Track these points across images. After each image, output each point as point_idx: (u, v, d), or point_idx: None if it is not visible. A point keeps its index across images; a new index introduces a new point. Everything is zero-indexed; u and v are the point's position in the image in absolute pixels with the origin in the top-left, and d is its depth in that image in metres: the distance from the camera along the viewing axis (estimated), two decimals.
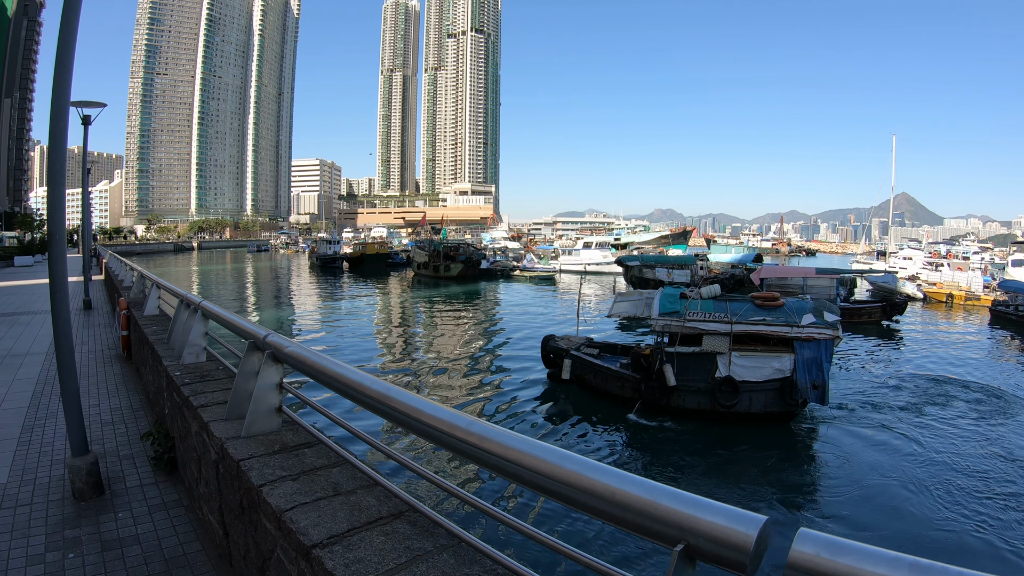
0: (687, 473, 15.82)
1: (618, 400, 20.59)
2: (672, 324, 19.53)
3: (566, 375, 22.56)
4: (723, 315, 19.22)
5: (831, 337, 18.20)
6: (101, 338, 18.97)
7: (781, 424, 18.95)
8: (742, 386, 18.74)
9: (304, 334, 35.55)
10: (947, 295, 55.46)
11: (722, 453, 17.12)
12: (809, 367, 18.17)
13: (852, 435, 18.49)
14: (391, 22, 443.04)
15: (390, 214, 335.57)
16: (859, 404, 21.59)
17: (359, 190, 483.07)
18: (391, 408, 3.60)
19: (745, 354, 18.91)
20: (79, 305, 26.13)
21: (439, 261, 74.44)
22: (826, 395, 18.25)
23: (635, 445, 17.79)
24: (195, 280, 78.94)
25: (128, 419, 10.57)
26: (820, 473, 16.08)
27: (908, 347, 34.51)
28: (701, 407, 19.18)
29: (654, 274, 54.24)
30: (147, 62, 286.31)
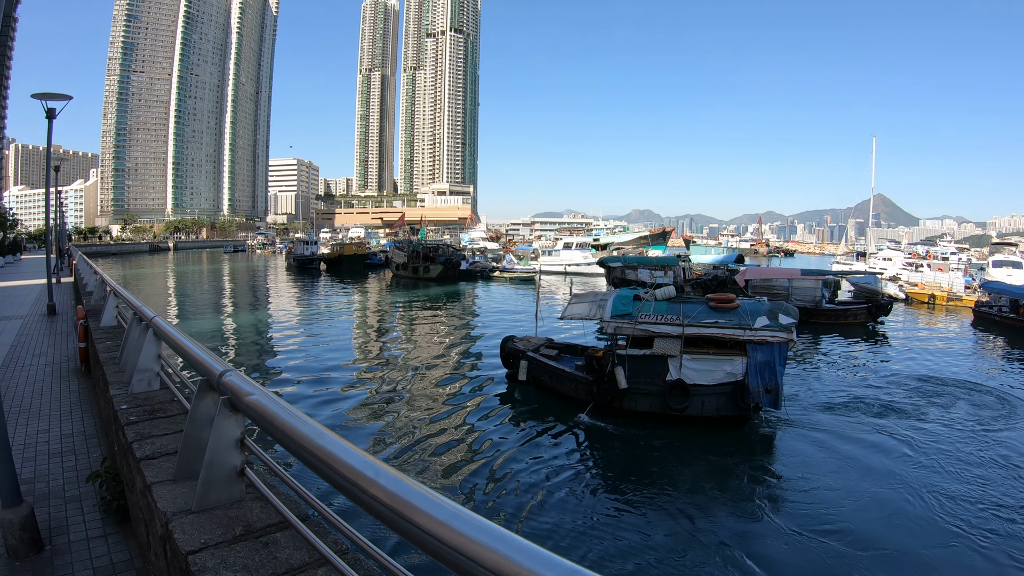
0: (631, 479, 15.48)
1: (572, 401, 20.45)
2: (624, 326, 19.44)
3: (522, 376, 22.50)
4: (675, 317, 18.96)
5: (785, 340, 17.95)
6: (62, 348, 17.46)
7: (734, 428, 18.67)
8: (693, 389, 18.58)
9: (279, 342, 34.61)
10: (929, 296, 55.51)
11: (669, 457, 16.92)
12: (762, 371, 18.04)
13: (808, 440, 18.18)
14: (370, 21, 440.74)
15: (368, 214, 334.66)
16: (825, 408, 21.30)
17: (337, 190, 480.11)
18: (394, 513, 2.41)
19: (696, 357, 18.75)
20: (42, 310, 24.83)
21: (418, 262, 73.65)
22: (779, 399, 18.13)
23: (584, 448, 17.47)
24: (171, 282, 77.63)
25: (80, 449, 9.36)
26: (768, 479, 15.74)
27: (892, 349, 34.44)
28: (653, 410, 19.02)
29: (637, 275, 53.53)
30: (123, 59, 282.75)
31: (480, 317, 44.63)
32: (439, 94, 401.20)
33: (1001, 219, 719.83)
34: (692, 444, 17.75)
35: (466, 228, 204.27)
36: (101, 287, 19.35)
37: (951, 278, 60.05)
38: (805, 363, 29.95)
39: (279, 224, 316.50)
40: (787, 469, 16.20)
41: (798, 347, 33.74)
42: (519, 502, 13.74)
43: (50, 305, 24.52)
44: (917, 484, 14.97)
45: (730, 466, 16.30)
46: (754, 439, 18.34)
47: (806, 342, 35.51)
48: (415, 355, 30.37)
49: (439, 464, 15.99)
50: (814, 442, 17.85)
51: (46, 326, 21.38)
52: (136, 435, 5.95)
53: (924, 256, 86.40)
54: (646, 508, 13.76)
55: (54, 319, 23.14)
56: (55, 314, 24.12)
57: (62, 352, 16.88)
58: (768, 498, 14.44)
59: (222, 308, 50.37)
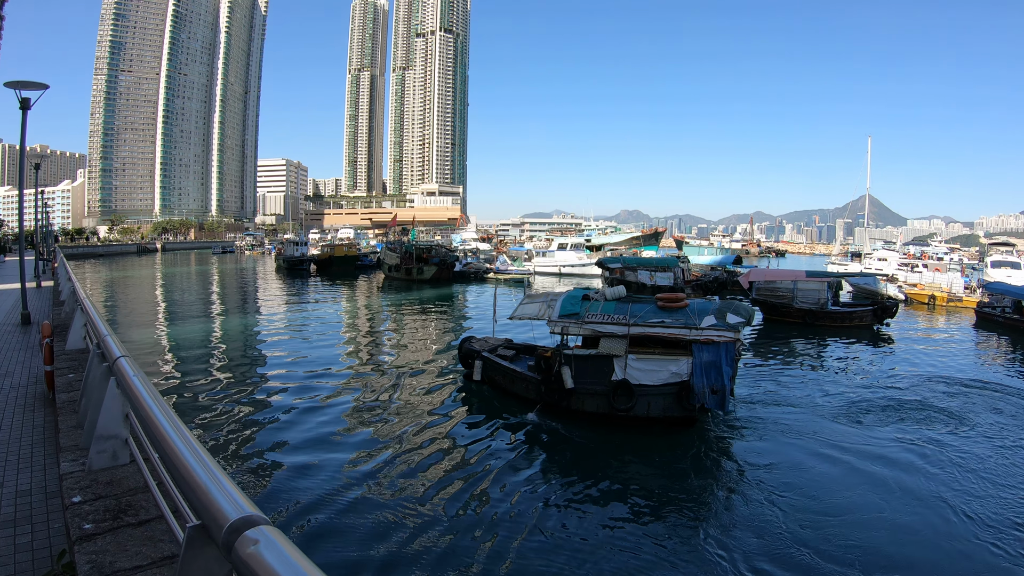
0: (570, 480, 15.33)
1: (524, 401, 20.57)
2: (570, 326, 19.55)
3: (477, 376, 22.67)
4: (622, 317, 18.90)
5: (732, 340, 17.72)
6: (31, 366, 14.86)
7: (682, 431, 18.43)
8: (637, 390, 18.37)
9: (270, 347, 33.73)
10: (929, 297, 55.38)
11: (612, 460, 16.68)
12: (707, 371, 17.75)
13: (758, 443, 17.87)
14: (359, 21, 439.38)
15: (357, 215, 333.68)
16: (792, 410, 21.07)
17: (326, 191, 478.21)
18: None
19: (642, 357, 18.56)
20: (16, 319, 22.48)
21: (411, 263, 72.68)
22: (726, 401, 17.75)
23: (530, 448, 17.47)
24: (158, 284, 76.50)
25: (38, 517, 6.69)
26: (706, 483, 15.45)
27: (905, 352, 33.70)
28: (599, 410, 18.89)
29: (636, 277, 52.58)
30: (111, 59, 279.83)
31: (473, 319, 43.74)
32: (428, 94, 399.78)
33: (988, 219, 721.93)
34: (635, 445, 17.55)
35: (457, 229, 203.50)
36: (72, 298, 17.26)
37: (950, 279, 60.03)
38: (809, 367, 29.35)
39: (267, 225, 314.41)
40: (732, 477, 15.90)
41: (806, 350, 33.51)
42: (456, 503, 13.67)
43: (24, 314, 22.16)
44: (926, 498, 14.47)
45: (676, 470, 16.06)
46: (704, 442, 18.00)
47: (812, 345, 34.97)
48: (402, 359, 29.91)
49: (376, 466, 15.70)
50: (775, 449, 17.41)
51: (18, 338, 19.15)
52: (92, 566, 4.04)
53: (919, 256, 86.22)
54: (579, 509, 13.64)
55: (28, 329, 20.86)
56: (30, 324, 21.84)
57: (31, 372, 14.47)
58: (706, 503, 14.30)
59: (211, 311, 49.26)
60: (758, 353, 32.07)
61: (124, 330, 37.13)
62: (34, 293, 31.21)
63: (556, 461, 16.66)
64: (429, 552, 11.54)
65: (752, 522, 13.04)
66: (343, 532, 12.20)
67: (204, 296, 61.96)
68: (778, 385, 24.81)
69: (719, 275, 56.94)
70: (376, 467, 15.58)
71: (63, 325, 15.33)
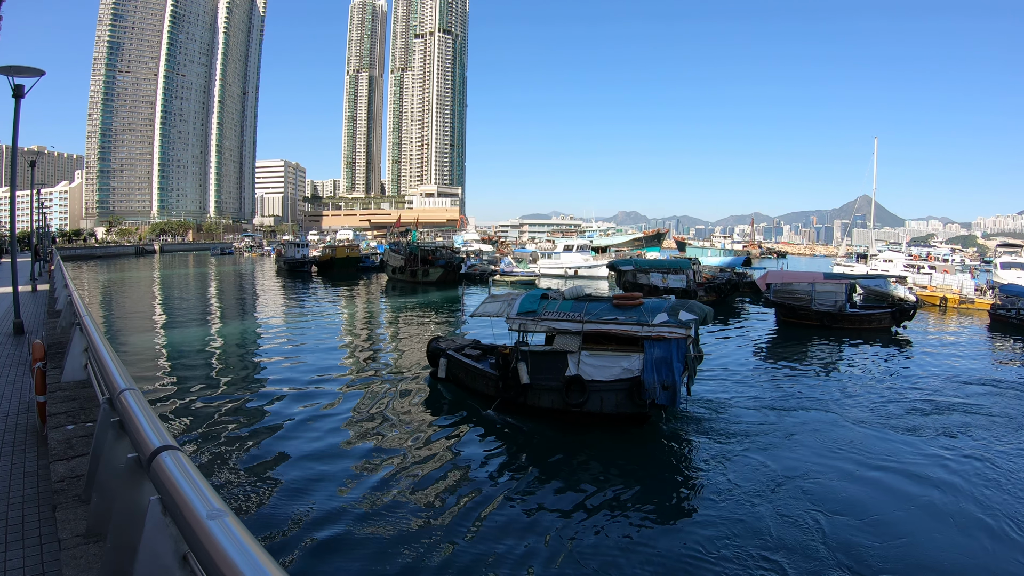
0: (521, 476, 15.56)
1: (485, 397, 20.89)
2: (527, 323, 20.02)
3: (441, 374, 23.15)
4: (577, 315, 19.26)
5: (683, 337, 17.87)
6: (24, 387, 12.67)
7: (634, 427, 18.61)
8: (590, 385, 18.55)
9: (274, 352, 32.66)
10: (941, 299, 54.78)
11: (560, 455, 16.89)
12: (658, 367, 17.90)
13: (710, 443, 17.74)
14: (358, 22, 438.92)
15: (355, 216, 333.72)
16: (811, 414, 20.81)
17: (324, 192, 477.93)
18: None
19: (595, 353, 18.80)
20: (8, 328, 20.30)
21: (416, 266, 71.52)
22: (676, 397, 17.89)
23: (486, 443, 17.84)
24: (156, 286, 75.29)
25: None
26: (648, 483, 15.27)
27: (927, 355, 33.15)
28: (555, 406, 19.11)
29: (648, 279, 51.50)
30: (109, 59, 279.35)
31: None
32: (427, 95, 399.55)
33: (986, 219, 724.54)
34: (588, 442, 17.65)
35: (457, 230, 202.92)
36: (70, 309, 15.38)
37: (960, 280, 59.59)
38: (833, 369, 29.08)
39: (266, 226, 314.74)
40: (690, 473, 16.01)
41: (821, 354, 32.81)
42: (403, 498, 13.76)
43: (17, 323, 19.91)
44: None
45: (629, 469, 15.97)
46: (657, 441, 18.12)
47: (832, 347, 34.51)
48: (407, 362, 29.52)
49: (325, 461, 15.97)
50: (720, 449, 17.18)
51: (10, 351, 17.11)
52: None
53: (924, 258, 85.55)
54: (522, 503, 13.75)
55: (21, 341, 18.72)
56: (23, 334, 19.71)
57: (22, 394, 12.19)
58: (657, 501, 14.26)
59: (212, 315, 48.01)
60: (776, 355, 31.81)
61: (123, 335, 36.07)
62: (29, 298, 29.63)
63: (510, 457, 16.86)
64: (363, 545, 11.74)
65: (698, 521, 13.08)
66: (286, 519, 12.59)
67: (205, 299, 60.80)
68: (806, 388, 24.61)
69: (731, 277, 56.01)
70: (325, 461, 15.86)
71: (58, 343, 13.57)
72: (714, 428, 18.88)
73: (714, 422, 19.43)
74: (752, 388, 24.38)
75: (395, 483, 14.49)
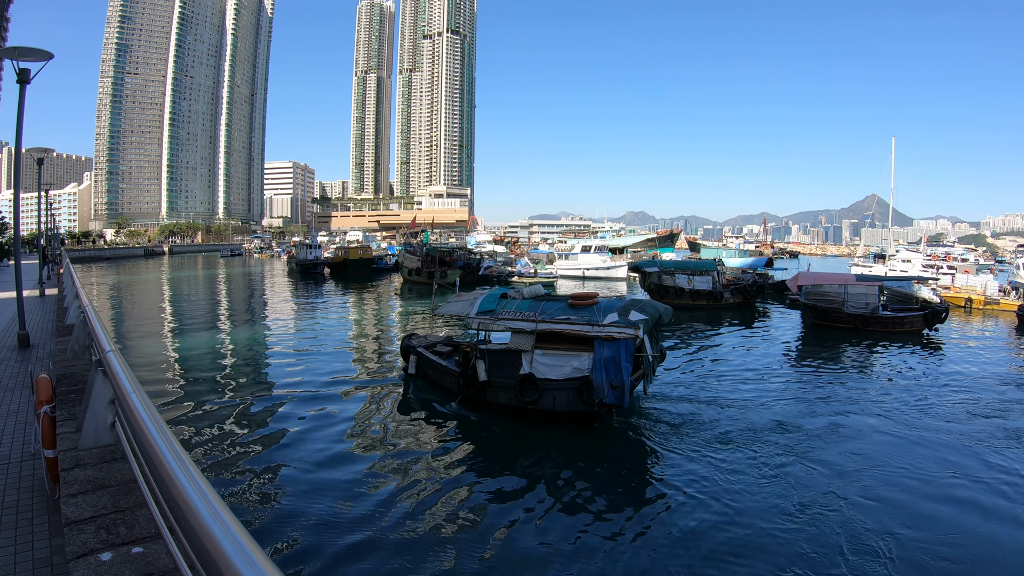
0: (476, 470, 16.00)
1: (449, 393, 21.45)
2: (485, 321, 20.40)
3: (411, 370, 23.62)
4: (534, 314, 19.69)
5: (631, 337, 17.99)
6: (28, 420, 10.42)
7: (584, 425, 18.82)
8: (542, 384, 18.86)
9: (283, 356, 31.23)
10: (966, 300, 53.91)
11: (512, 451, 17.47)
12: (607, 366, 18.00)
13: (656, 444, 17.74)
14: (365, 22, 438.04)
15: (364, 217, 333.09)
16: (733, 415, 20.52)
17: (332, 193, 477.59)
18: None
19: (547, 352, 19.16)
20: (12, 341, 18.26)
21: (434, 267, 70.18)
22: (625, 396, 17.89)
23: (446, 437, 18.45)
24: (167, 288, 74.24)
25: None
26: (577, 484, 15.24)
27: (957, 357, 32.94)
28: (510, 403, 19.44)
29: (675, 281, 50.40)
30: (117, 61, 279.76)
31: None
32: (436, 96, 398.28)
33: (995, 218, 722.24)
34: (541, 439, 18.07)
35: (468, 231, 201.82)
36: (83, 329, 12.45)
37: (983, 281, 58.68)
38: (878, 373, 28.50)
39: (275, 228, 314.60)
40: (610, 479, 15.73)
41: (863, 358, 32.29)
42: (352, 493, 14.13)
43: (22, 335, 17.85)
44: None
45: (582, 468, 16.14)
46: (589, 438, 18.16)
47: (867, 351, 33.73)
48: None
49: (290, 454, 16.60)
50: (668, 452, 17.14)
51: (13, 369, 14.80)
52: None
53: (943, 258, 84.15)
54: (472, 502, 13.97)
55: (27, 356, 16.49)
56: (28, 347, 17.64)
57: (26, 432, 9.87)
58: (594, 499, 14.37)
59: (225, 318, 46.82)
60: (813, 356, 31.53)
61: (136, 340, 35.05)
62: (36, 304, 28.09)
63: (466, 453, 17.25)
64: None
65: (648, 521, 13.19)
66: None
67: (218, 302, 59.63)
68: (856, 392, 24.49)
69: (754, 279, 54.73)
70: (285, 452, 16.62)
71: (71, 374, 11.12)
72: (691, 428, 18.94)
73: (695, 423, 19.48)
74: (793, 391, 24.27)
75: (347, 477, 15.03)
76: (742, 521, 13.00)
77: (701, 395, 22.73)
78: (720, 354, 32.02)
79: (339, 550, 11.47)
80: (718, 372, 27.37)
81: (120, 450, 7.26)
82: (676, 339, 35.69)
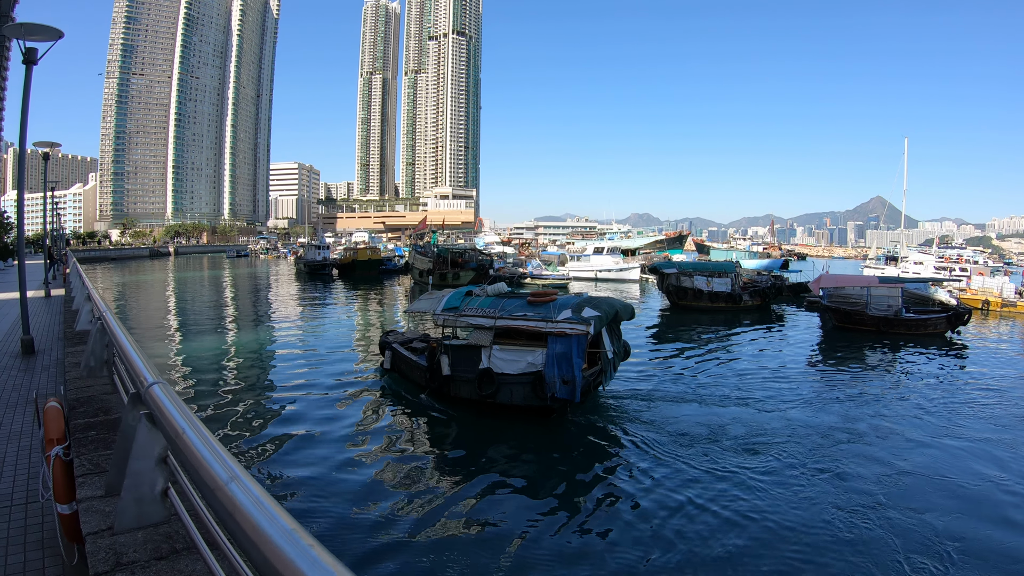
0: (433, 461, 16.36)
1: (420, 387, 21.94)
2: (449, 318, 21.31)
3: (387, 365, 24.36)
4: (494, 311, 20.26)
5: (583, 333, 18.32)
6: (34, 446, 8.61)
7: (540, 419, 19.13)
8: (499, 378, 19.29)
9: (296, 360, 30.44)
10: (983, 302, 53.10)
11: (472, 441, 18.09)
12: (559, 362, 18.37)
13: (613, 442, 17.82)
14: (371, 24, 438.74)
15: (370, 218, 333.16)
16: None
17: (338, 194, 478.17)
18: None
19: (505, 348, 19.68)
20: (15, 346, 16.50)
21: (446, 268, 69.53)
22: (576, 391, 18.12)
23: (414, 429, 19.13)
24: (173, 290, 73.42)
25: None
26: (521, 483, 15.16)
27: (983, 360, 32.49)
28: (472, 396, 19.93)
29: (693, 283, 49.55)
30: (123, 62, 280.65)
31: None
32: (441, 97, 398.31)
33: (1000, 220, 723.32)
34: (500, 433, 18.44)
35: (475, 232, 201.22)
36: (100, 340, 10.15)
37: (1000, 283, 57.86)
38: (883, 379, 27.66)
39: (280, 229, 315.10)
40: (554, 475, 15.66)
41: (883, 358, 31.99)
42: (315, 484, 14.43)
43: (26, 340, 15.99)
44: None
45: (546, 462, 16.45)
46: (543, 433, 18.55)
47: (894, 354, 33.16)
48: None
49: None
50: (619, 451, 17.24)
51: (16, 380, 12.95)
52: None
53: (955, 260, 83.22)
54: (426, 493, 14.13)
55: (32, 365, 14.63)
56: (33, 354, 15.79)
57: (31, 467, 7.89)
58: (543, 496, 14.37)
59: (235, 319, 45.90)
60: (843, 360, 30.44)
61: (144, 344, 33.93)
62: (42, 305, 26.83)
63: (429, 444, 17.89)
64: None
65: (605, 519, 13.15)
66: None
67: (226, 303, 58.80)
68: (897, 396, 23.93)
69: (772, 281, 54.08)
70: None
71: (86, 398, 8.89)
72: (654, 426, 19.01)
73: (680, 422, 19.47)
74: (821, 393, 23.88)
75: (312, 466, 15.44)
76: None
77: (733, 396, 22.53)
78: (746, 354, 31.61)
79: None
80: (749, 371, 27.28)
81: (181, 534, 4.85)
82: (693, 342, 35.29)
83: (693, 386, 24.04)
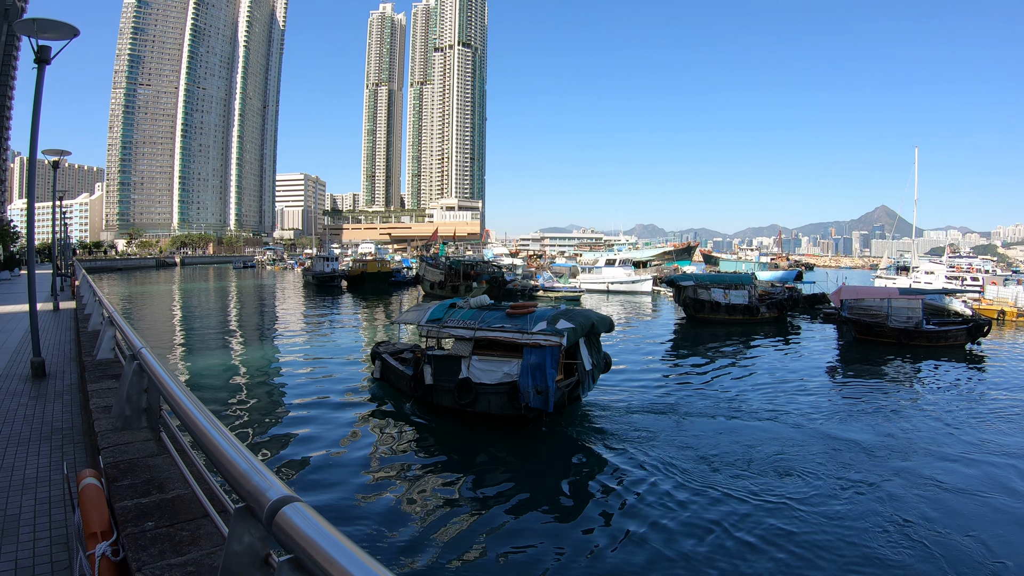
0: (416, 467, 16.69)
1: (406, 396, 22.59)
2: (432, 329, 21.86)
3: (376, 375, 24.93)
4: (475, 322, 20.81)
5: (556, 345, 18.74)
6: (53, 502, 7.01)
7: (516, 428, 19.40)
8: (477, 387, 19.72)
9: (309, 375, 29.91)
10: (999, 312, 52.48)
11: (452, 448, 18.57)
12: (533, 372, 18.70)
13: (586, 452, 18.08)
14: (377, 35, 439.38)
15: (376, 230, 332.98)
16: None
17: (343, 205, 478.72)
18: None
19: (483, 358, 20.15)
20: (24, 368, 15.23)
21: (458, 281, 68.85)
22: (550, 401, 18.39)
23: (399, 434, 19.71)
24: (179, 301, 72.97)
25: None
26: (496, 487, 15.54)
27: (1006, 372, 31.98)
28: (452, 405, 20.35)
29: (710, 295, 48.99)
30: (130, 72, 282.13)
31: None
32: (447, 109, 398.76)
33: (1005, 228, 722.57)
34: (479, 440, 18.91)
35: (482, 244, 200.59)
36: (138, 382, 7.41)
37: (1015, 292, 57.38)
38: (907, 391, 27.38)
39: (286, 240, 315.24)
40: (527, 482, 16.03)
41: (907, 371, 31.85)
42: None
43: (36, 363, 14.48)
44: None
45: (517, 466, 17.04)
46: (516, 441, 18.86)
47: (907, 365, 33.05)
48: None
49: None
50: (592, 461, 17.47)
51: (27, 411, 11.31)
52: None
53: (967, 269, 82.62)
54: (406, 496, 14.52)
55: (44, 390, 13.15)
56: (44, 376, 14.41)
57: (52, 527, 6.35)
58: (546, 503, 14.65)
59: (248, 332, 45.54)
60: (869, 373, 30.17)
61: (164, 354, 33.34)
62: (51, 319, 25.94)
63: (413, 450, 18.27)
64: None
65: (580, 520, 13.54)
66: None
67: (237, 315, 58.34)
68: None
69: (788, 293, 53.99)
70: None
71: (128, 465, 6.15)
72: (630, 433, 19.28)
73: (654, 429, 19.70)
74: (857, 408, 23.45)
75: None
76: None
77: (761, 410, 22.44)
78: (765, 367, 31.31)
79: None
80: (769, 384, 27.10)
81: None
82: (712, 355, 34.89)
83: (714, 400, 23.85)
